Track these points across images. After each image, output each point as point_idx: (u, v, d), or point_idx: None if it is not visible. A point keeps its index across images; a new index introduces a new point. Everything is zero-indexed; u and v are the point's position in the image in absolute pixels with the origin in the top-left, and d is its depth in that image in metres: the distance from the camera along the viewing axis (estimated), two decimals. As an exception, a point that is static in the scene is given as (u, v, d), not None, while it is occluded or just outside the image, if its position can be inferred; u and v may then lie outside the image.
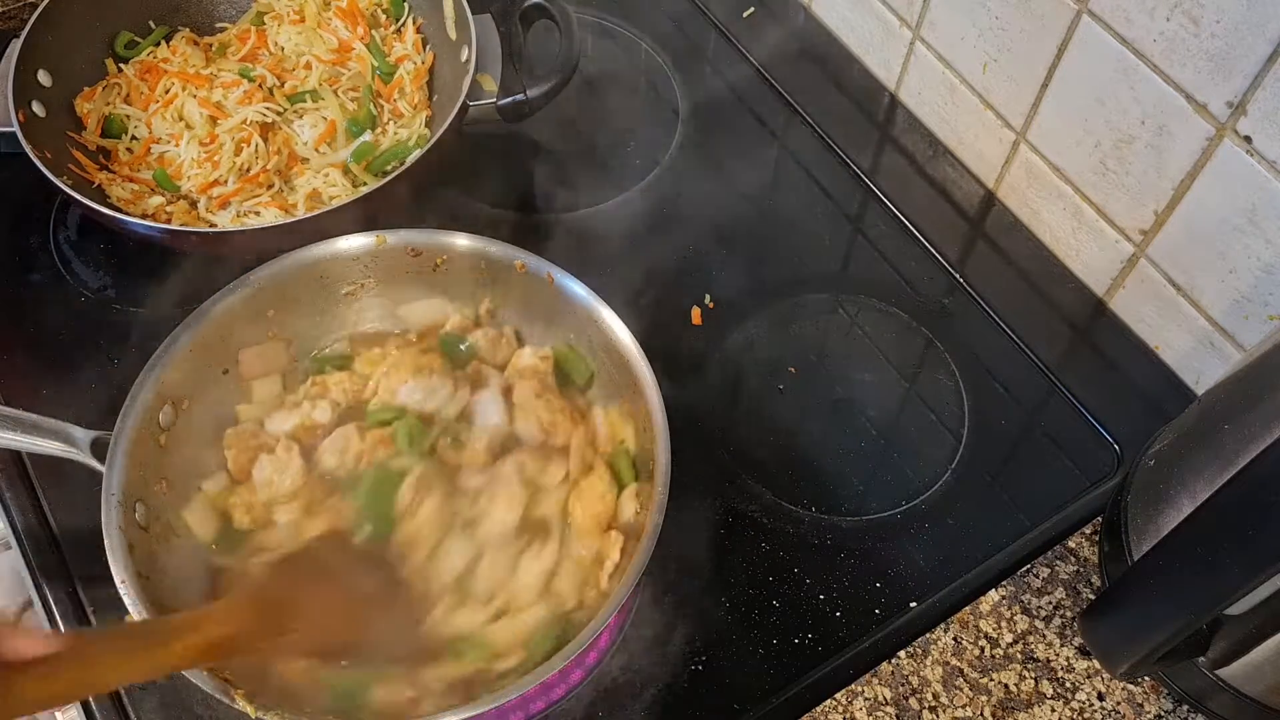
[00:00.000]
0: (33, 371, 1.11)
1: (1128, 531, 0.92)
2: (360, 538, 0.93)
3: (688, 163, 1.33)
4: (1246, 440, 0.78)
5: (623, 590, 0.85)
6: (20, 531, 1.02)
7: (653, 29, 1.46)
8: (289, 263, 1.02)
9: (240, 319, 1.01)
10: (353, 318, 1.08)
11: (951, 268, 1.23)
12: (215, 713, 0.93)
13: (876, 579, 1.02)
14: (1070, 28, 1.07)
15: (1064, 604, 1.00)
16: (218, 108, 1.20)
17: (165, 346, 0.96)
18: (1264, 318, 1.01)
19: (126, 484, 0.90)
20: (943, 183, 1.31)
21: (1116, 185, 1.10)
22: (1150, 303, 1.13)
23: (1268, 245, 0.97)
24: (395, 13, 1.31)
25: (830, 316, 1.20)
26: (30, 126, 1.13)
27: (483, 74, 1.22)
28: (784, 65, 1.42)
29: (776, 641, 0.98)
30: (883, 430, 1.12)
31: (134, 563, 0.87)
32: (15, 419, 0.91)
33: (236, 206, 1.17)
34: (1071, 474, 1.08)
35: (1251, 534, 0.67)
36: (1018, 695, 0.95)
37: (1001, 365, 1.16)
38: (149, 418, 0.94)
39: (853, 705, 0.94)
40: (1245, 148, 0.95)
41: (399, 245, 1.04)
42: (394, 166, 1.19)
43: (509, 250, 1.04)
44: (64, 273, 1.19)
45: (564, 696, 0.94)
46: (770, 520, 1.05)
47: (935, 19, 1.24)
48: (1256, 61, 0.90)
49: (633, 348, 0.98)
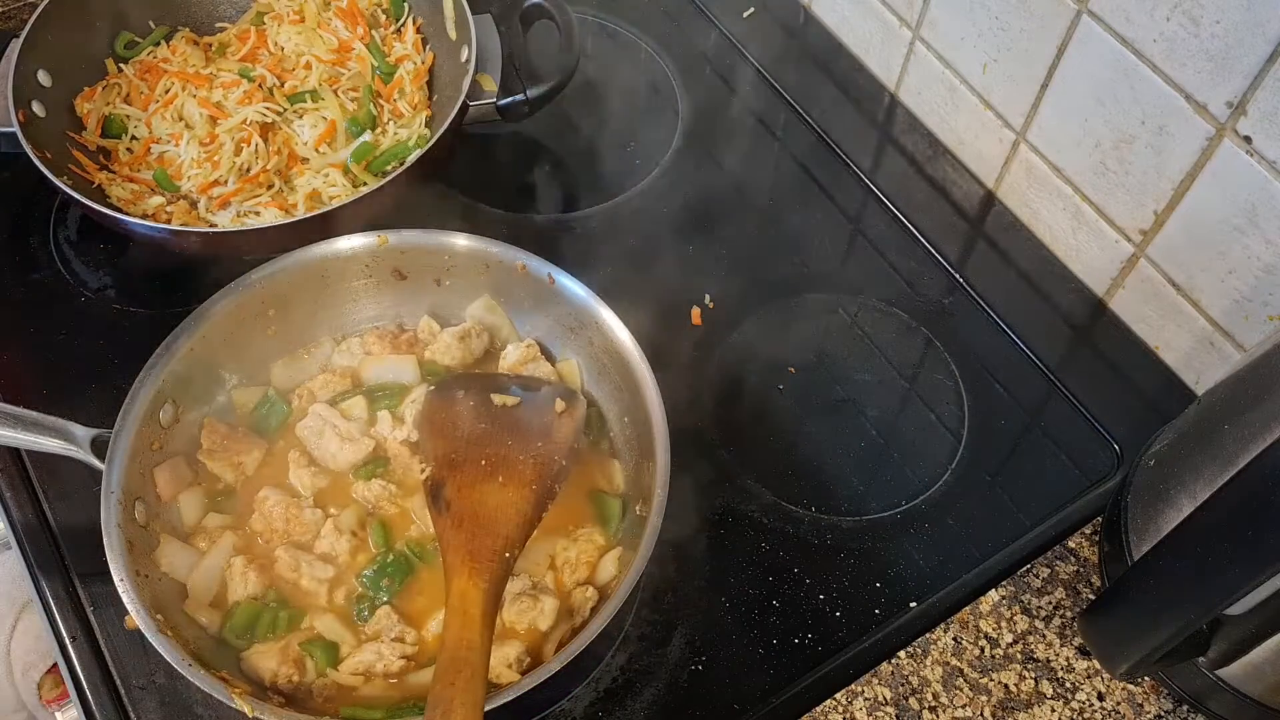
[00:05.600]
0: (33, 371, 1.11)
1: (1128, 531, 0.92)
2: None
3: (688, 163, 1.33)
4: (1246, 440, 0.78)
5: (623, 590, 0.85)
6: (20, 529, 1.02)
7: (653, 29, 1.46)
8: (289, 263, 1.02)
9: (240, 319, 1.01)
10: (353, 317, 1.08)
11: (951, 268, 1.23)
12: (215, 713, 0.93)
13: (876, 579, 1.02)
14: (1070, 28, 1.07)
15: (1064, 604, 1.00)
16: (218, 108, 1.20)
17: (165, 346, 0.96)
18: (1264, 318, 1.01)
19: (126, 482, 0.90)
20: (943, 183, 1.31)
21: (1116, 185, 1.10)
22: (1150, 303, 1.13)
23: (1268, 245, 0.97)
24: (395, 13, 1.31)
25: (830, 316, 1.20)
26: (30, 126, 1.13)
27: (483, 74, 1.22)
28: (784, 65, 1.42)
29: (776, 641, 0.98)
30: (883, 430, 1.12)
31: (133, 561, 0.87)
32: (16, 416, 0.91)
33: (236, 206, 1.17)
34: (1071, 474, 1.08)
35: (1251, 534, 0.67)
36: (1018, 695, 0.95)
37: (1001, 365, 1.16)
38: (149, 416, 0.94)
39: (853, 705, 0.94)
40: (1245, 148, 0.95)
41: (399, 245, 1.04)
42: (394, 166, 1.19)
43: (510, 251, 1.04)
44: (64, 273, 1.19)
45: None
46: (770, 520, 1.05)
47: (935, 19, 1.24)
48: (1256, 61, 0.90)
49: (633, 348, 0.98)
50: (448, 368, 1.05)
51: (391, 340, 1.07)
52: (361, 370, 1.05)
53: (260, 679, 0.88)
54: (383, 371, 1.05)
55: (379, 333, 1.07)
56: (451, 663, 0.77)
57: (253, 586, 0.92)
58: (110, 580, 0.85)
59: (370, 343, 1.06)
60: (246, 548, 0.95)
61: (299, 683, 0.88)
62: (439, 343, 1.05)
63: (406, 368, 1.05)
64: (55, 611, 0.98)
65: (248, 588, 0.92)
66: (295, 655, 0.88)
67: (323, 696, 0.88)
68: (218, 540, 0.95)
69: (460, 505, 0.89)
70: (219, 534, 0.95)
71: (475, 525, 0.87)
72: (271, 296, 1.02)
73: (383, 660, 0.89)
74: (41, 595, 0.99)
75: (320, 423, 0.99)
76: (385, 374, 1.05)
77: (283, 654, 0.88)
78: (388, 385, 1.04)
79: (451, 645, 0.78)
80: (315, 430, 0.99)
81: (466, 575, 0.83)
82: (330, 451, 0.99)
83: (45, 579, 0.99)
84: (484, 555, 0.85)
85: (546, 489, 0.92)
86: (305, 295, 1.04)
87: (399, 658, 0.89)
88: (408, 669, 0.89)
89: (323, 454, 0.99)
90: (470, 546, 0.86)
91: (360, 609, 0.92)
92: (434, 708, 0.75)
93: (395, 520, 0.97)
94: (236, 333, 1.01)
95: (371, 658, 0.89)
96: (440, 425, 0.96)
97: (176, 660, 0.81)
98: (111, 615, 0.96)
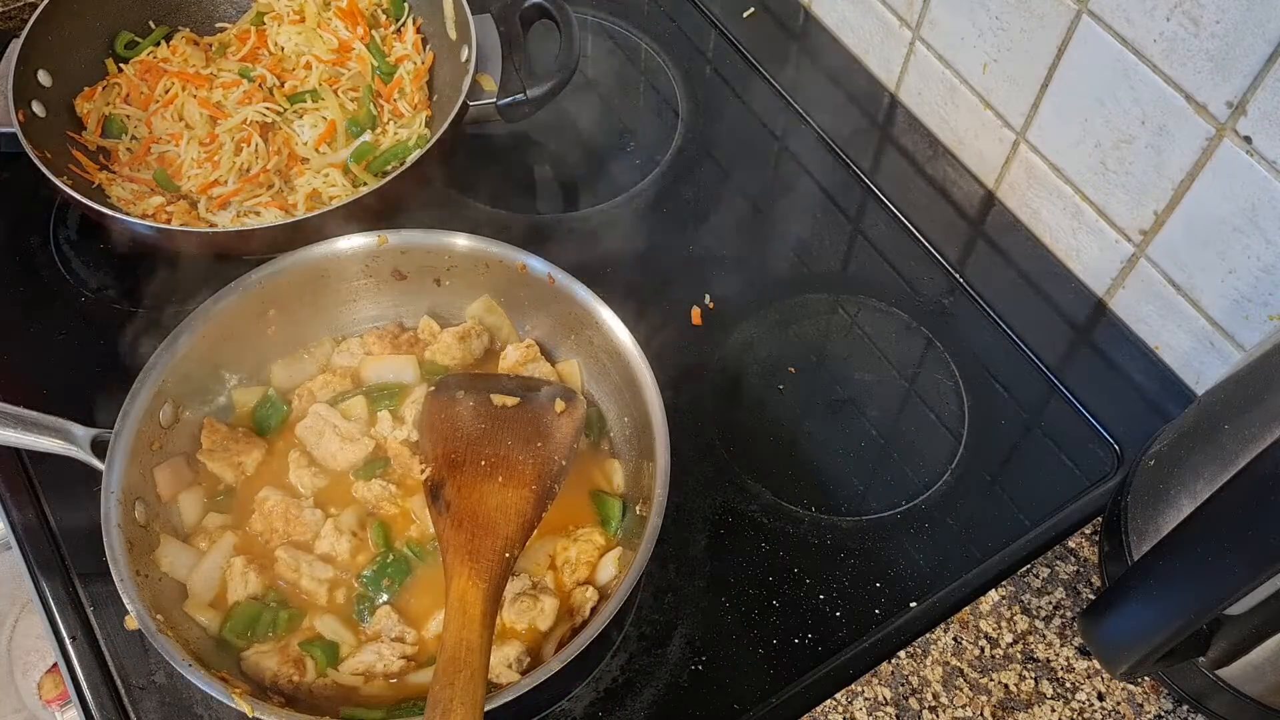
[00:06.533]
0: (33, 371, 1.11)
1: (1128, 531, 0.92)
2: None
3: (688, 163, 1.33)
4: (1246, 440, 0.78)
5: (623, 590, 0.85)
6: (20, 529, 1.02)
7: (653, 29, 1.46)
8: (289, 263, 1.02)
9: (240, 319, 1.01)
10: (353, 317, 1.08)
11: (951, 268, 1.23)
12: (215, 713, 0.93)
13: (876, 579, 1.02)
14: (1070, 28, 1.07)
15: (1064, 604, 1.00)
16: (218, 108, 1.20)
17: (165, 346, 0.96)
18: (1264, 318, 1.01)
19: (126, 482, 0.90)
20: (943, 183, 1.31)
21: (1116, 185, 1.10)
22: (1150, 303, 1.13)
23: (1268, 245, 0.97)
24: (395, 13, 1.31)
25: (830, 316, 1.20)
26: (30, 126, 1.13)
27: (483, 74, 1.22)
28: (784, 65, 1.42)
29: (776, 641, 0.98)
30: (883, 430, 1.12)
31: (133, 561, 0.87)
32: (16, 416, 0.91)
33: (236, 206, 1.17)
34: (1071, 474, 1.08)
35: (1251, 534, 0.67)
36: (1018, 695, 0.95)
37: (1001, 365, 1.16)
38: (149, 417, 0.94)
39: (853, 705, 0.94)
40: (1245, 148, 0.95)
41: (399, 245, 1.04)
42: (394, 166, 1.19)
43: (510, 251, 1.04)
44: (64, 273, 1.19)
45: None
46: (770, 520, 1.05)
47: (935, 19, 1.24)
48: (1256, 61, 0.90)
49: (633, 348, 0.98)
50: (448, 368, 1.05)
51: (391, 340, 1.07)
52: (361, 370, 1.05)
53: (260, 679, 0.88)
54: (383, 371, 1.05)
55: (379, 333, 1.07)
56: (451, 663, 0.77)
57: (253, 586, 0.92)
58: (110, 580, 0.85)
59: (370, 343, 1.06)
60: (246, 548, 0.95)
61: (299, 683, 0.88)
62: (439, 343, 1.06)
63: (406, 368, 1.05)
64: (55, 611, 0.98)
65: (248, 588, 0.92)
66: (295, 655, 0.88)
67: (323, 696, 0.88)
68: (218, 540, 0.95)
69: (460, 505, 0.89)
70: (219, 534, 0.95)
71: (475, 525, 0.87)
72: (271, 296, 1.02)
73: (383, 660, 0.89)
74: (41, 595, 0.98)
75: (320, 423, 0.99)
76: (385, 374, 1.05)
77: (283, 654, 0.88)
78: (388, 385, 1.04)
79: (451, 645, 0.78)
80: (315, 430, 0.99)
81: (466, 575, 0.83)
82: (330, 451, 0.99)
83: (45, 579, 0.99)
84: (484, 555, 0.85)
85: (546, 489, 0.92)
86: (305, 295, 1.05)
87: (399, 658, 0.89)
88: (408, 669, 0.89)
89: (323, 454, 0.99)
90: (470, 547, 0.86)
91: (360, 609, 0.92)
92: (434, 708, 0.75)
93: (395, 520, 0.97)
94: (236, 333, 1.01)
95: (371, 658, 0.89)
96: (440, 425, 0.96)
97: (176, 660, 0.81)
98: (111, 615, 0.96)
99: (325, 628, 0.91)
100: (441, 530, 0.88)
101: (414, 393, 1.02)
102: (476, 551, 0.85)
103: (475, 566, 0.84)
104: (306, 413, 1.01)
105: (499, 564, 0.85)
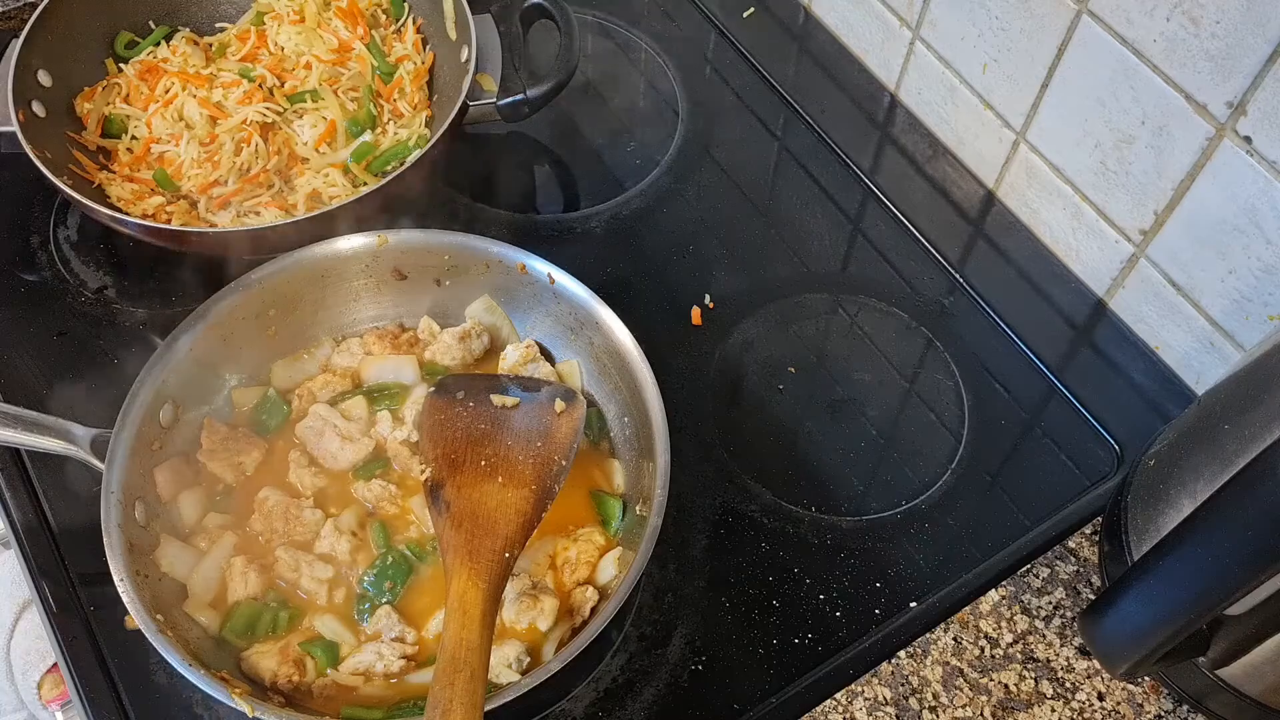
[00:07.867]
0: (33, 371, 1.11)
1: (1128, 531, 0.92)
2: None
3: (688, 163, 1.33)
4: (1246, 440, 0.78)
5: (623, 590, 0.85)
6: (20, 529, 1.01)
7: (653, 29, 1.46)
8: (289, 263, 1.03)
9: (240, 319, 1.01)
10: (353, 317, 1.08)
11: (951, 268, 1.23)
12: (215, 713, 0.93)
13: (876, 579, 1.02)
14: (1070, 28, 1.07)
15: (1064, 604, 1.00)
16: (218, 108, 1.20)
17: (165, 346, 0.97)
18: (1264, 318, 1.01)
19: (126, 482, 0.90)
20: (943, 183, 1.31)
21: (1116, 185, 1.10)
22: (1150, 303, 1.13)
23: (1268, 245, 0.97)
24: (395, 13, 1.31)
25: (830, 316, 1.20)
26: (30, 126, 1.13)
27: (483, 74, 1.22)
28: (784, 65, 1.42)
29: (776, 641, 0.98)
30: (883, 430, 1.12)
31: (133, 561, 0.87)
32: (16, 416, 0.91)
33: (236, 206, 1.17)
34: (1071, 474, 1.08)
35: (1251, 534, 0.67)
36: (1018, 695, 0.95)
37: (1001, 365, 1.16)
38: (149, 417, 0.94)
39: (853, 705, 0.94)
40: (1245, 148, 0.95)
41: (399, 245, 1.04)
42: (394, 166, 1.19)
43: (510, 251, 1.04)
44: (64, 273, 1.19)
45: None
46: (770, 520, 1.05)
47: (935, 19, 1.24)
48: (1256, 61, 0.90)
49: (633, 348, 0.98)
50: (448, 368, 1.05)
51: (391, 340, 1.07)
52: (361, 370, 1.05)
53: (260, 679, 0.88)
54: (383, 371, 1.05)
55: (379, 333, 1.07)
56: (451, 663, 0.77)
57: (253, 586, 0.92)
58: (110, 580, 0.85)
59: (370, 343, 1.07)
60: (246, 548, 0.95)
61: (299, 683, 0.88)
62: (439, 343, 1.06)
63: (406, 368, 1.05)
64: (55, 611, 0.98)
65: (248, 588, 0.92)
66: (295, 655, 0.88)
67: (323, 696, 0.88)
68: (218, 540, 0.95)
69: (460, 506, 0.89)
70: (219, 534, 0.95)
71: (475, 525, 0.87)
72: (271, 296, 1.02)
73: (383, 660, 0.89)
74: (41, 595, 0.98)
75: (320, 423, 1.00)
76: (385, 374, 1.05)
77: (283, 654, 0.88)
78: (388, 385, 1.04)
79: (451, 645, 0.78)
80: (315, 430, 1.00)
81: (466, 575, 0.83)
82: (330, 451, 0.99)
83: (45, 579, 0.99)
84: (484, 555, 0.85)
85: (546, 489, 0.92)
86: (305, 295, 1.05)
87: (399, 658, 0.89)
88: (408, 669, 0.89)
89: (323, 454, 0.99)
90: (470, 547, 0.86)
91: (360, 609, 0.92)
92: (434, 708, 0.75)
93: (395, 520, 0.97)
94: (236, 333, 1.01)
95: (371, 658, 0.89)
96: (440, 426, 0.96)
97: (176, 660, 0.81)
98: (111, 615, 0.96)
99: (325, 628, 0.91)
100: (441, 530, 0.88)
101: (414, 393, 1.02)
102: (476, 552, 0.85)
103: (475, 567, 0.84)
104: (306, 413, 1.01)
105: (499, 564, 0.85)
